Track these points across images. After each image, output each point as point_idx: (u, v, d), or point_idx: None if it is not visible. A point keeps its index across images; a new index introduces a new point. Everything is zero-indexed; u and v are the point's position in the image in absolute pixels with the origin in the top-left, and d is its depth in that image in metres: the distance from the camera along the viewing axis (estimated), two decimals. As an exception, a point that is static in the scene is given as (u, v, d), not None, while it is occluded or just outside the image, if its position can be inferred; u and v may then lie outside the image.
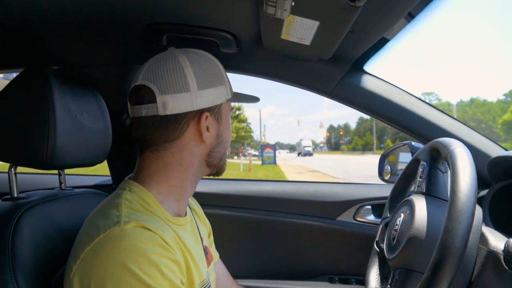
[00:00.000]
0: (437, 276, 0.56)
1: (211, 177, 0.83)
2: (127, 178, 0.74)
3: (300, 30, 0.79)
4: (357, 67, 1.08)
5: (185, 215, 0.77)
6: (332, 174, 16.05)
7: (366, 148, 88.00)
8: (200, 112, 0.71)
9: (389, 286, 0.73)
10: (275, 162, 23.33)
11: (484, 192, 0.96)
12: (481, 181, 0.99)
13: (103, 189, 1.13)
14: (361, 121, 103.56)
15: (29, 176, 1.58)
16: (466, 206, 0.58)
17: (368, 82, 1.07)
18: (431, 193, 0.78)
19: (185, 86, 0.68)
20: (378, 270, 0.93)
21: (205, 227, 0.94)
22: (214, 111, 0.74)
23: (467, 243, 0.57)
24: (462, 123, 1.05)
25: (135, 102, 0.70)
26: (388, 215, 0.95)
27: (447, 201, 0.76)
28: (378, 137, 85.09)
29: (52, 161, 0.76)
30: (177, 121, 0.69)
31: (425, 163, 0.83)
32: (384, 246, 0.84)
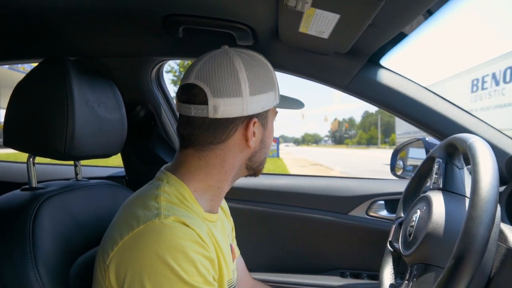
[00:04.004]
0: (461, 265, 0.54)
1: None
2: (164, 169, 0.73)
3: (319, 23, 0.78)
4: (374, 61, 1.07)
5: (217, 212, 0.77)
6: (335, 168, 16.02)
7: (370, 142, 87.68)
8: (249, 117, 0.70)
9: (406, 281, 0.73)
10: (278, 155, 23.32)
11: (501, 189, 0.95)
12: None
13: (116, 181, 1.14)
14: (366, 115, 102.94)
15: (43, 166, 1.59)
16: (489, 194, 0.57)
17: (384, 77, 1.06)
18: (448, 189, 0.78)
19: (238, 91, 0.67)
20: (392, 270, 0.92)
21: (230, 223, 0.93)
22: (262, 116, 0.73)
23: (491, 231, 0.56)
24: (479, 119, 1.03)
25: (185, 101, 0.69)
26: (402, 215, 0.94)
27: (464, 196, 0.76)
28: (382, 131, 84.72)
29: (70, 152, 0.77)
30: (226, 125, 0.68)
31: (440, 160, 0.82)
32: (400, 243, 0.83)
